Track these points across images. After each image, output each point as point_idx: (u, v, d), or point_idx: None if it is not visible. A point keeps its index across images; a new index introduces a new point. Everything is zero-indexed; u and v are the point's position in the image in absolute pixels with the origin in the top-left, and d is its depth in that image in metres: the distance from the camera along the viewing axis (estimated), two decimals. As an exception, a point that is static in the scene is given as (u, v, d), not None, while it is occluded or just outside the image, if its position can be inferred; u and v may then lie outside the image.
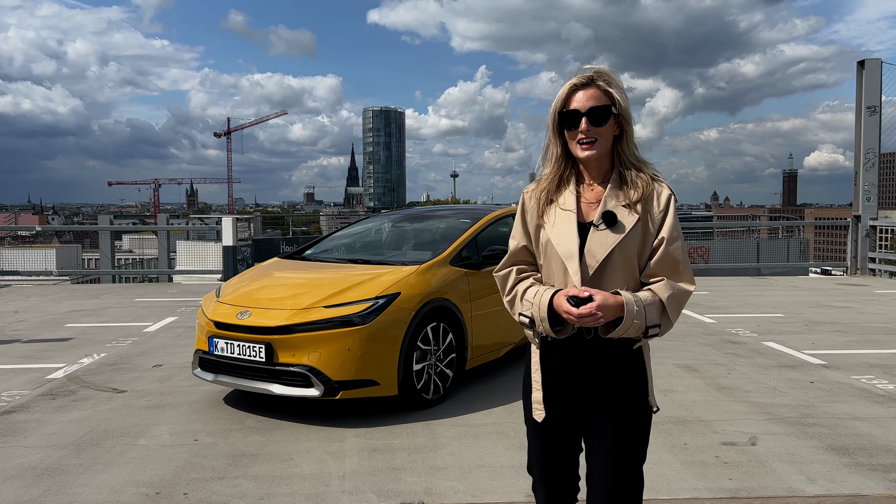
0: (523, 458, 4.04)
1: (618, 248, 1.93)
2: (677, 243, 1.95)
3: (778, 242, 18.12)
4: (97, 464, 3.99)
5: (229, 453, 4.15)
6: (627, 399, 2.01)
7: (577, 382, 2.03)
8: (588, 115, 1.94)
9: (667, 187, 1.99)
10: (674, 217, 1.96)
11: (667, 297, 1.92)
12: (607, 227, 1.94)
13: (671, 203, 1.97)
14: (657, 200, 1.96)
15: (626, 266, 1.96)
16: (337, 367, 4.54)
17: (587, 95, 1.95)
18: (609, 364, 2.00)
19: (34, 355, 6.83)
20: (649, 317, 1.90)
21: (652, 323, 1.90)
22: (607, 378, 2.00)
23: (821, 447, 4.21)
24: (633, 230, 1.93)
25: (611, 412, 2.00)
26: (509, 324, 5.88)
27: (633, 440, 2.02)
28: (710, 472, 3.85)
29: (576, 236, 1.96)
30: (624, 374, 2.00)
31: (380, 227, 6.95)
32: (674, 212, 1.96)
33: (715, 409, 4.94)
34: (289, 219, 29.56)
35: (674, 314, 1.95)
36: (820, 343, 7.24)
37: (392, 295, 4.82)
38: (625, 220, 1.94)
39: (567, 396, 2.06)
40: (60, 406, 5.12)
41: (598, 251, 1.94)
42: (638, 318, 1.88)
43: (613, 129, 1.98)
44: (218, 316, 4.89)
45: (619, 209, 1.95)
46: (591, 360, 2.00)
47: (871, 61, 13.83)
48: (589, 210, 2.01)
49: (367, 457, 4.09)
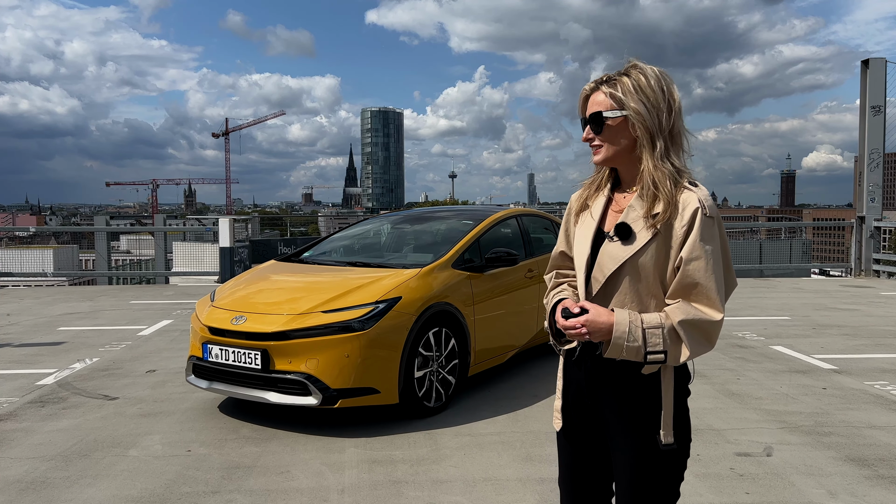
0: (530, 470, 3.90)
1: (629, 263, 1.77)
2: (698, 263, 1.71)
3: (780, 243, 17.96)
4: (85, 477, 3.82)
5: (223, 465, 3.98)
6: (640, 430, 1.82)
7: (594, 399, 1.89)
8: (588, 120, 1.87)
9: (696, 199, 1.74)
10: (699, 233, 1.72)
11: (679, 320, 1.71)
12: (620, 240, 1.79)
13: (697, 217, 1.72)
14: (681, 214, 1.74)
15: (643, 285, 1.78)
16: (335, 374, 4.37)
17: (592, 101, 1.87)
18: (623, 386, 1.83)
19: (25, 360, 6.65)
20: (650, 341, 1.70)
21: (653, 349, 1.70)
22: (621, 401, 1.84)
23: (839, 458, 4.05)
24: (647, 246, 1.76)
25: (626, 441, 1.84)
26: (513, 328, 5.72)
27: (647, 479, 1.82)
28: (725, 485, 3.68)
29: (589, 247, 1.86)
30: (637, 400, 1.82)
31: (379, 229, 6.78)
32: (700, 226, 1.72)
33: (726, 418, 4.78)
34: (287, 219, 29.37)
35: (694, 341, 1.71)
36: (829, 347, 7.09)
37: (393, 299, 4.65)
38: (641, 234, 1.77)
39: (587, 411, 1.92)
40: (49, 414, 4.94)
41: (607, 265, 1.80)
42: (631, 340, 1.70)
43: (627, 133, 1.82)
44: (212, 321, 4.72)
45: (638, 221, 1.78)
46: (604, 377, 1.85)
47: (876, 60, 13.68)
48: (614, 220, 1.86)
49: (367, 469, 3.92)
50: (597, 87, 1.86)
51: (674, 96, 1.82)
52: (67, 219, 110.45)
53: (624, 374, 1.81)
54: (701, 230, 1.72)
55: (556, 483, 3.66)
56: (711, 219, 1.74)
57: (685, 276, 1.73)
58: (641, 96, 1.80)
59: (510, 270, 5.67)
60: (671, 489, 1.84)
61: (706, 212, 1.73)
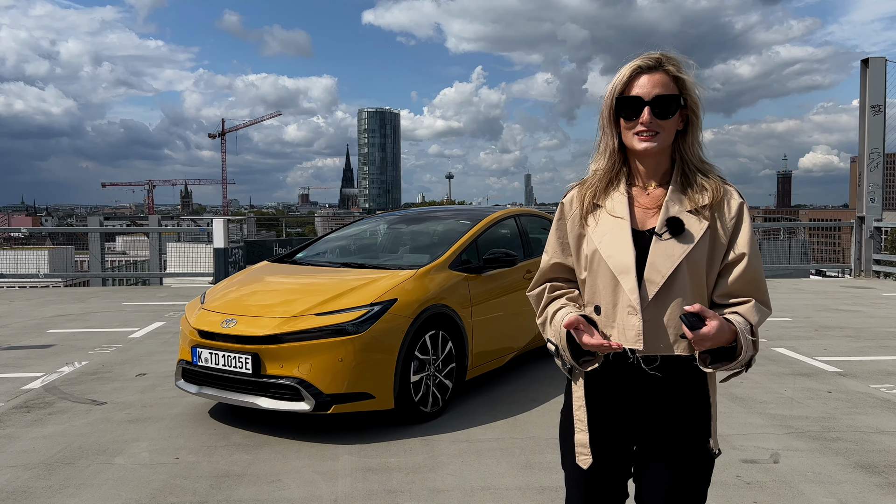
0: (530, 478, 3.76)
1: (686, 260, 1.64)
2: (756, 258, 1.67)
3: (779, 244, 17.86)
4: (68, 486, 3.67)
5: (212, 473, 3.84)
6: (686, 439, 1.72)
7: (628, 420, 1.75)
8: (652, 103, 1.66)
9: (737, 193, 1.70)
10: (750, 227, 1.68)
11: (756, 321, 1.64)
12: (672, 235, 1.65)
13: (744, 211, 1.68)
14: (727, 206, 1.67)
15: (696, 283, 1.66)
16: (329, 379, 4.23)
17: (653, 81, 1.67)
18: (669, 398, 1.71)
19: (12, 363, 6.50)
20: (754, 348, 1.63)
21: (753, 353, 1.63)
22: (665, 414, 1.71)
23: (848, 465, 3.92)
24: (702, 240, 1.65)
25: (667, 454, 1.73)
26: (512, 330, 5.59)
27: (690, 488, 1.74)
28: (732, 493, 3.55)
29: (631, 247, 1.68)
30: (684, 409, 1.71)
31: (375, 229, 6.64)
32: (748, 221, 1.68)
33: (731, 423, 4.65)
34: (283, 220, 29.22)
35: (758, 340, 1.66)
36: (832, 349, 6.97)
37: (388, 301, 4.52)
38: (693, 227, 1.65)
39: (618, 437, 1.77)
40: (34, 420, 4.80)
41: (664, 265, 1.64)
42: (748, 347, 1.60)
43: (678, 122, 1.71)
44: (202, 324, 4.57)
45: (686, 215, 1.66)
46: (646, 392, 1.71)
47: (876, 60, 13.58)
48: (645, 217, 1.72)
49: (361, 477, 3.78)
50: (658, 66, 1.69)
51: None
52: (63, 220, 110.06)
53: (677, 383, 1.70)
54: (750, 224, 1.68)
55: (557, 492, 3.55)
56: (748, 215, 1.70)
57: (748, 272, 1.65)
58: (693, 82, 1.71)
59: (509, 272, 5.54)
60: (705, 496, 1.80)
61: (747, 208, 1.70)
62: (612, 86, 1.72)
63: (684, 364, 1.68)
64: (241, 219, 16.39)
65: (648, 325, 1.65)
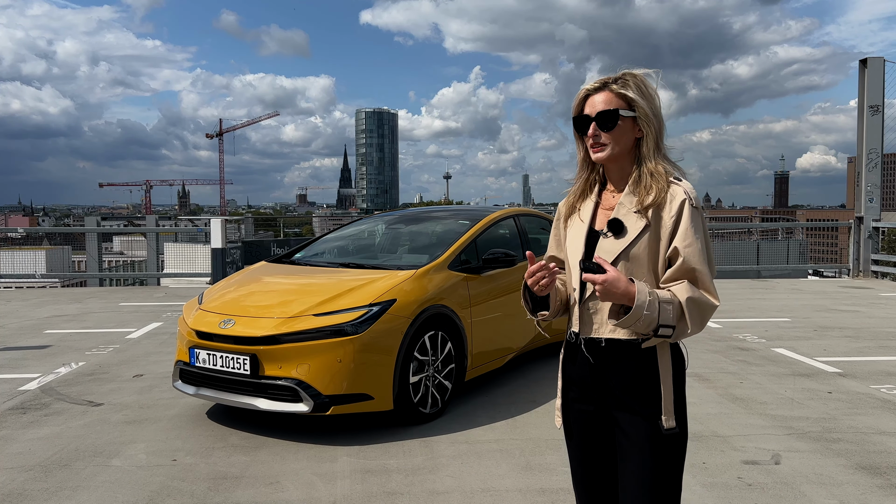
0: (531, 480, 3.74)
1: (622, 255, 1.85)
2: (692, 249, 1.80)
3: (778, 244, 17.86)
4: (64, 489, 3.64)
5: (210, 475, 3.81)
6: (644, 415, 1.86)
7: (600, 388, 1.92)
8: (596, 119, 1.92)
9: (683, 191, 1.85)
10: (689, 222, 1.82)
11: (686, 298, 1.78)
12: (613, 235, 1.88)
13: (685, 207, 1.82)
14: (670, 205, 1.84)
15: (637, 276, 1.85)
16: (328, 380, 4.21)
17: (599, 100, 1.92)
18: (626, 373, 1.88)
19: (8, 364, 6.46)
20: (663, 315, 1.77)
21: (665, 322, 1.77)
22: (625, 388, 1.88)
23: (850, 466, 3.91)
24: (639, 238, 1.85)
25: (631, 427, 1.88)
26: (511, 330, 5.56)
27: (655, 461, 1.85)
28: (734, 495, 3.53)
29: (582, 246, 1.94)
30: (640, 387, 1.87)
31: (374, 230, 6.61)
32: (689, 216, 1.82)
33: (732, 424, 4.64)
34: (281, 220, 29.16)
35: (694, 320, 1.79)
36: (832, 349, 6.95)
37: (387, 302, 4.49)
38: (632, 227, 1.87)
39: (591, 404, 1.96)
40: (31, 421, 4.76)
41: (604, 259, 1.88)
42: (650, 309, 1.75)
43: (631, 132, 1.92)
44: (200, 325, 4.54)
45: (629, 216, 1.88)
46: (608, 365, 1.90)
47: (874, 60, 13.58)
48: (604, 219, 1.95)
49: (360, 479, 3.75)
50: (604, 86, 1.92)
51: (659, 99, 1.94)
52: (60, 220, 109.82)
53: (627, 361, 1.87)
54: (691, 219, 1.82)
55: (558, 494, 3.52)
56: (698, 209, 1.84)
57: (683, 263, 1.81)
58: (647, 98, 1.91)
59: (508, 272, 5.51)
60: (675, 474, 1.88)
61: (693, 203, 1.83)
62: (572, 108, 2.00)
63: (630, 348, 1.86)
64: (238, 219, 16.35)
65: (589, 313, 1.91)
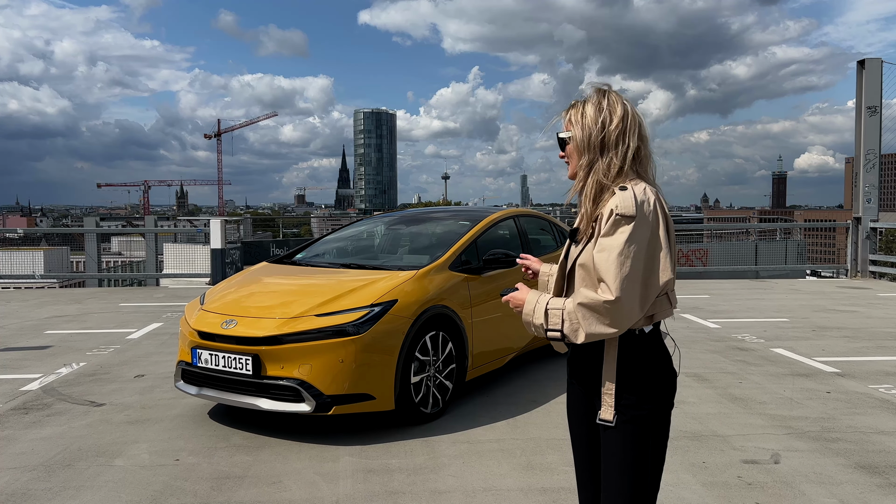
0: (531, 479, 3.76)
1: (576, 261, 2.04)
2: (601, 254, 1.92)
3: (776, 244, 17.89)
4: (68, 488, 3.66)
5: (213, 475, 3.83)
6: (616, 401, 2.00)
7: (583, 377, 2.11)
8: (559, 141, 2.16)
9: (616, 201, 1.93)
10: (608, 229, 1.93)
11: (577, 303, 1.92)
12: (574, 243, 2.10)
13: (611, 216, 1.93)
14: (603, 215, 1.98)
15: (590, 280, 1.97)
16: (329, 380, 4.23)
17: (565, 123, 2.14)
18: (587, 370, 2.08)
19: (10, 365, 6.48)
20: (550, 320, 1.95)
21: (552, 327, 1.95)
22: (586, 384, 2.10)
23: (849, 465, 3.93)
24: (587, 246, 2.01)
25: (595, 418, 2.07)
26: (512, 331, 5.58)
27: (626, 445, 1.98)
28: (734, 494, 3.56)
29: (564, 249, 2.17)
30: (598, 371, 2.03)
31: (374, 230, 6.63)
32: (611, 224, 1.92)
33: (731, 423, 4.66)
34: (279, 221, 29.16)
35: (589, 322, 1.90)
36: (830, 349, 6.98)
37: (388, 302, 4.51)
38: (582, 236, 2.06)
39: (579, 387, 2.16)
40: (33, 421, 4.78)
41: (567, 264, 2.10)
42: (535, 317, 1.98)
43: (580, 154, 2.06)
44: (202, 325, 4.56)
45: (582, 227, 2.07)
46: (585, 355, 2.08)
47: (872, 61, 13.62)
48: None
49: (362, 479, 3.77)
50: (567, 111, 2.13)
51: (612, 117, 2.01)
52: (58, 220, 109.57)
53: (588, 359, 2.06)
54: (609, 227, 1.92)
55: (559, 493, 3.55)
56: (623, 217, 1.90)
57: (594, 267, 1.95)
58: (580, 126, 2.05)
59: (508, 272, 5.53)
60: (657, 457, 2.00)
61: (620, 211, 1.91)
62: None
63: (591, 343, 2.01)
64: (237, 219, 16.36)
65: None
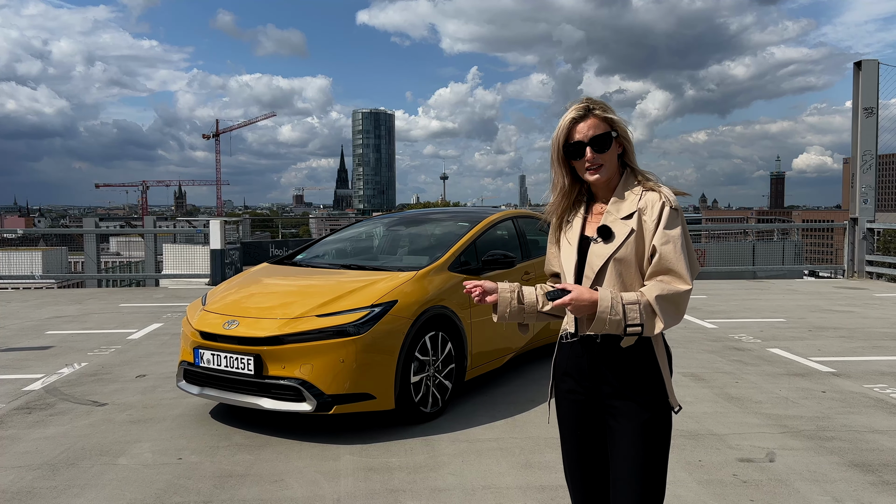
0: (530, 477, 3.82)
1: (612, 258, 2.03)
2: (668, 246, 1.98)
3: (773, 245, 17.97)
4: (72, 487, 3.71)
5: (215, 473, 3.88)
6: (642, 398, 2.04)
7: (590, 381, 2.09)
8: (591, 143, 2.06)
9: (661, 196, 2.04)
10: (667, 222, 2.01)
11: (655, 296, 1.94)
12: (603, 240, 2.06)
13: (664, 210, 2.02)
14: (651, 210, 2.03)
15: (626, 275, 2.03)
16: (330, 380, 4.28)
17: (587, 125, 2.06)
18: (624, 363, 2.05)
19: (11, 365, 6.52)
20: (629, 315, 1.93)
21: (632, 322, 1.93)
22: (623, 377, 2.05)
23: (843, 464, 3.99)
24: (626, 241, 2.03)
25: (631, 409, 2.04)
26: (510, 331, 5.64)
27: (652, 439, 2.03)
28: (729, 492, 3.61)
29: (575, 252, 2.12)
30: (638, 374, 2.04)
31: (374, 231, 6.69)
32: (668, 217, 2.01)
33: (727, 422, 4.72)
34: (278, 221, 29.20)
35: (667, 314, 1.95)
36: (826, 349, 7.05)
37: (388, 303, 4.56)
38: (620, 232, 2.04)
39: (579, 395, 2.13)
40: (36, 421, 4.82)
41: (595, 263, 2.06)
42: (613, 314, 1.92)
43: (617, 149, 2.10)
44: (204, 325, 4.61)
45: (616, 223, 2.06)
46: (605, 358, 2.06)
47: (868, 62, 13.70)
48: (594, 227, 2.12)
49: (363, 477, 3.82)
50: (587, 112, 2.07)
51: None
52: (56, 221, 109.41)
53: (622, 353, 2.04)
54: (668, 220, 2.00)
55: (556, 490, 3.60)
56: (676, 210, 2.02)
57: (659, 259, 1.99)
58: (616, 115, 2.09)
59: (507, 273, 5.59)
60: (663, 456, 2.06)
61: (672, 205, 2.02)
62: (556, 136, 2.10)
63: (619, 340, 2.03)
64: (236, 220, 16.40)
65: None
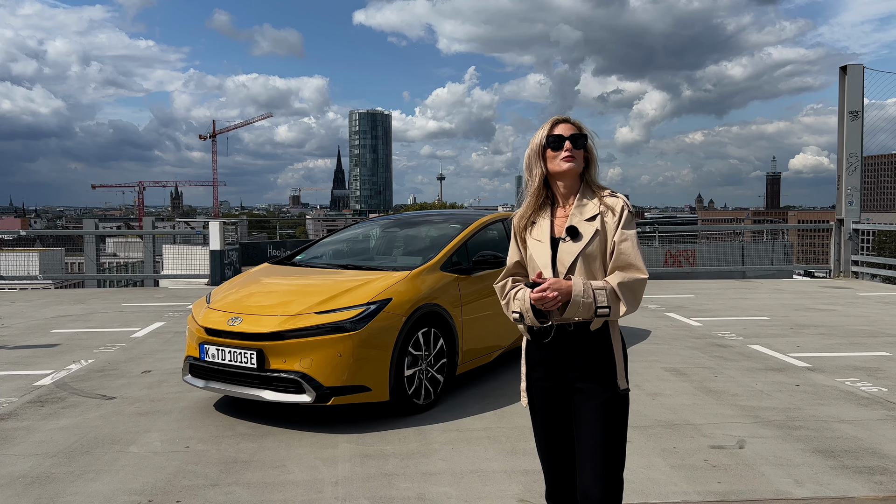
0: (515, 462, 4.10)
1: (581, 255, 2.35)
2: (626, 242, 2.33)
3: (763, 245, 18.29)
4: (88, 472, 3.98)
5: (221, 460, 4.15)
6: (602, 380, 2.36)
7: (564, 366, 2.39)
8: (570, 138, 2.43)
9: (621, 200, 2.40)
10: (626, 223, 2.35)
11: (617, 283, 2.29)
12: (571, 239, 2.37)
13: (624, 212, 2.37)
14: (612, 212, 2.38)
15: (593, 269, 2.36)
16: (328, 373, 4.55)
17: (568, 127, 2.44)
18: (587, 350, 2.36)
19: (21, 362, 6.78)
20: (598, 299, 2.26)
21: (601, 304, 2.26)
22: (587, 362, 2.36)
23: (807, 450, 4.28)
24: (592, 239, 2.35)
25: (593, 390, 2.35)
26: (500, 328, 5.91)
27: (612, 415, 2.35)
28: (699, 475, 3.89)
29: (549, 249, 2.41)
30: (598, 358, 2.36)
31: (370, 233, 6.96)
32: (626, 219, 2.36)
33: (703, 413, 5.00)
34: (275, 222, 29.44)
35: (628, 299, 2.29)
36: (805, 346, 7.34)
37: (383, 301, 4.84)
38: (585, 231, 2.37)
39: (548, 382, 2.44)
40: (49, 413, 5.09)
41: (566, 259, 2.37)
42: (585, 297, 2.24)
43: (583, 158, 2.43)
44: (209, 322, 4.88)
45: (582, 224, 2.38)
46: (573, 346, 2.37)
47: (854, 67, 14.01)
48: (561, 227, 2.44)
49: (359, 463, 4.10)
50: (567, 119, 2.46)
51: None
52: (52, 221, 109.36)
53: (587, 341, 2.36)
54: (626, 221, 2.36)
55: (540, 474, 3.87)
56: (631, 213, 2.39)
57: (618, 253, 2.33)
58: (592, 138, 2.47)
59: (497, 272, 5.86)
60: (623, 428, 2.39)
61: (629, 209, 2.39)
62: (541, 133, 2.46)
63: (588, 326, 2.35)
64: (235, 221, 16.64)
65: None
